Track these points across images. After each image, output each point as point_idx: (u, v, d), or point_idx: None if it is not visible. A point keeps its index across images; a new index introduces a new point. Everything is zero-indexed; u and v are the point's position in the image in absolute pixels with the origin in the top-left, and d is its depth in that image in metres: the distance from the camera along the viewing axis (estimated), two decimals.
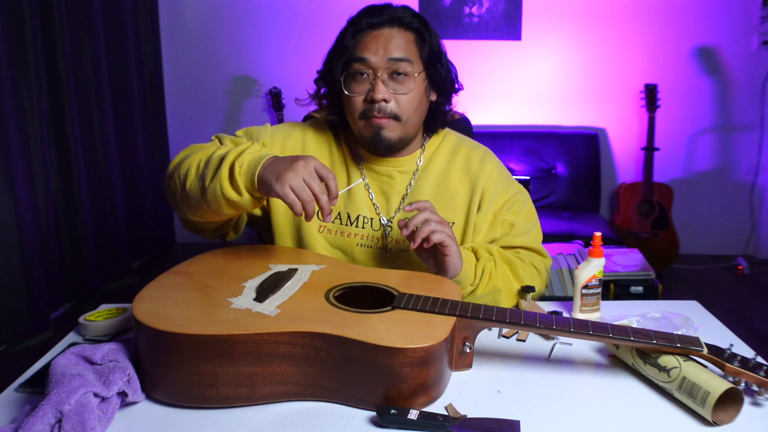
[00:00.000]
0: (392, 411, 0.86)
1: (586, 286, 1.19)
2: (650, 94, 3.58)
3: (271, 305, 0.97)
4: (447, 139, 1.34)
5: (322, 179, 1.02)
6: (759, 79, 3.72)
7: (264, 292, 1.01)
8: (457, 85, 1.29)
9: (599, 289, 1.20)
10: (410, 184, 1.29)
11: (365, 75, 1.18)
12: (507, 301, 1.23)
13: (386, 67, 1.17)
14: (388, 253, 1.27)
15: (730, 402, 0.88)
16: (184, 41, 3.87)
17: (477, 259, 1.21)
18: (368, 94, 1.18)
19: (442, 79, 1.24)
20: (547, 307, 1.29)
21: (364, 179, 1.28)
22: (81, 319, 1.17)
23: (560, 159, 3.67)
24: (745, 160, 3.84)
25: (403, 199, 1.28)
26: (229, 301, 0.98)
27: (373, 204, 1.28)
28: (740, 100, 3.76)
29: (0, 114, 2.49)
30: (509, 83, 3.81)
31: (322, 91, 1.28)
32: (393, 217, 1.27)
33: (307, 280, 1.07)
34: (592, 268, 1.19)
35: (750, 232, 3.92)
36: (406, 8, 1.22)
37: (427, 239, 1.09)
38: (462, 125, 1.65)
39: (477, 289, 1.19)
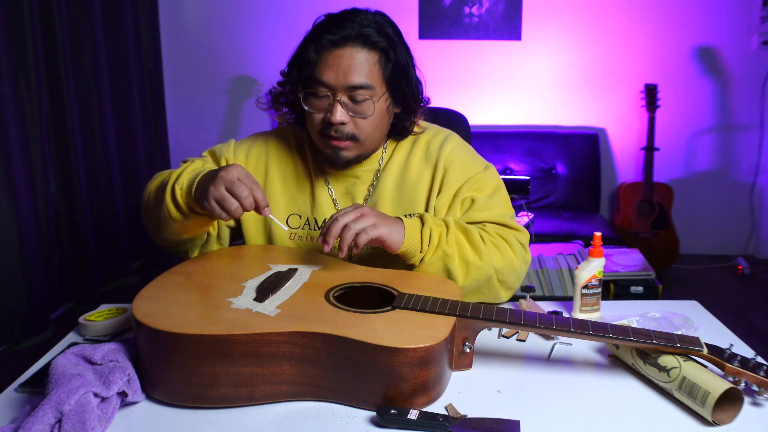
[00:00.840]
0: (392, 411, 0.86)
1: (586, 286, 1.19)
2: (650, 94, 3.58)
3: (271, 305, 0.97)
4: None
5: (249, 187, 1.03)
6: (759, 79, 3.72)
7: (264, 292, 1.01)
8: (422, 101, 1.24)
9: (599, 289, 1.20)
10: (373, 184, 1.27)
11: (324, 95, 1.15)
12: (461, 270, 1.14)
13: (345, 90, 1.13)
14: (353, 257, 1.26)
15: (730, 402, 0.88)
16: (184, 41, 3.87)
17: (422, 225, 1.14)
18: (326, 114, 1.15)
19: (405, 96, 1.20)
20: (547, 307, 1.29)
21: (319, 182, 1.27)
22: (81, 319, 1.17)
23: (560, 159, 3.67)
24: (745, 160, 3.84)
25: (366, 199, 1.27)
26: (229, 301, 0.98)
27: (336, 209, 1.26)
28: (740, 100, 3.76)
29: (0, 114, 2.49)
30: (509, 83, 3.80)
31: (284, 98, 1.24)
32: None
33: (307, 280, 1.07)
34: (592, 268, 1.19)
35: (750, 232, 3.92)
36: (374, 21, 1.15)
37: (355, 244, 1.05)
38: (460, 125, 1.65)
39: (425, 255, 1.12)
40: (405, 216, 1.18)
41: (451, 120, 1.67)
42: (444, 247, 1.12)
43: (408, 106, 1.22)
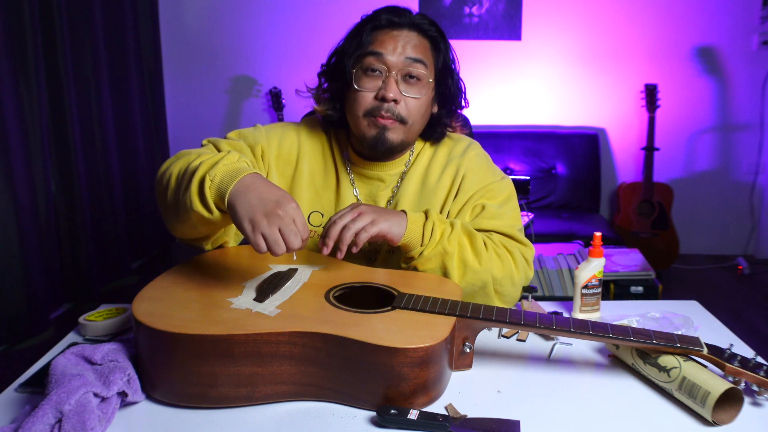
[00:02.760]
0: (392, 411, 0.86)
1: (586, 286, 1.19)
2: (650, 94, 3.58)
3: (271, 305, 0.97)
4: None
5: (296, 227, 0.96)
6: (759, 79, 3.72)
7: (264, 292, 1.01)
8: (463, 103, 1.28)
9: (599, 289, 1.20)
10: (397, 186, 1.27)
11: (378, 72, 1.17)
12: (458, 271, 1.12)
13: (401, 66, 1.16)
14: (374, 258, 1.25)
15: (730, 402, 0.88)
16: (184, 41, 3.87)
17: (426, 219, 1.13)
18: (378, 92, 1.16)
19: (449, 93, 1.24)
20: (547, 307, 1.29)
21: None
22: (81, 319, 1.17)
23: (560, 159, 3.67)
24: (745, 160, 3.84)
25: (389, 203, 1.27)
26: (229, 301, 0.98)
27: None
28: (740, 100, 3.76)
29: (0, 114, 2.49)
30: (509, 83, 3.80)
31: (325, 85, 1.26)
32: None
33: (307, 280, 1.07)
34: (592, 268, 1.19)
35: (750, 232, 3.92)
36: (424, 16, 1.22)
37: (355, 244, 1.04)
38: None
39: (425, 250, 1.11)
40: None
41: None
42: (445, 244, 1.11)
43: (448, 104, 1.25)
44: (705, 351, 0.93)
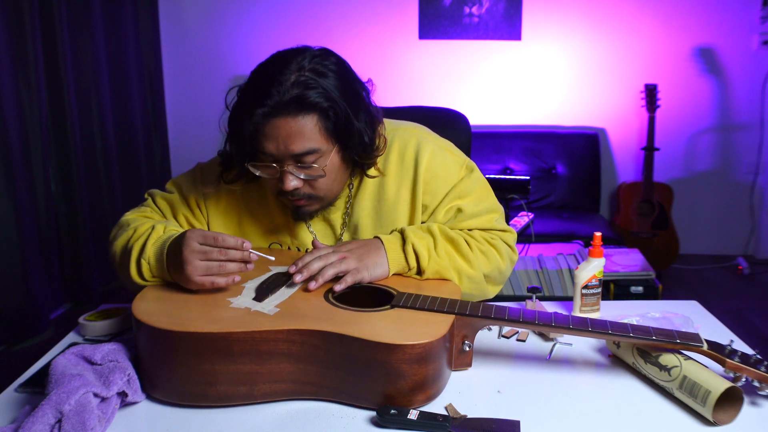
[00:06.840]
0: (392, 411, 0.86)
1: (586, 286, 1.19)
2: (650, 94, 3.58)
3: (270, 304, 0.97)
4: None
5: (216, 245, 1.00)
6: (759, 79, 3.72)
7: (263, 292, 1.02)
8: (371, 150, 1.12)
9: (599, 289, 1.20)
10: (347, 211, 1.22)
11: (271, 165, 1.07)
12: (456, 278, 1.13)
13: (290, 159, 1.06)
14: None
15: (730, 402, 0.88)
16: (184, 41, 3.87)
17: (404, 242, 1.11)
18: (278, 182, 1.08)
19: (357, 143, 1.09)
20: (547, 307, 1.29)
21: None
22: (81, 319, 1.17)
23: (560, 159, 3.67)
24: (745, 160, 3.83)
25: (344, 219, 1.22)
26: (229, 300, 0.98)
27: (312, 236, 1.22)
28: (740, 100, 3.76)
29: (0, 114, 2.49)
30: (509, 83, 3.80)
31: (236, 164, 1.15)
32: (338, 242, 1.22)
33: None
34: (592, 268, 1.19)
35: (750, 232, 3.92)
36: (309, 69, 1.05)
37: (319, 276, 1.04)
38: (460, 125, 1.65)
39: (422, 273, 1.11)
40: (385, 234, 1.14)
41: (451, 120, 1.67)
42: (436, 259, 1.12)
43: (360, 152, 1.12)
44: (705, 347, 0.93)
